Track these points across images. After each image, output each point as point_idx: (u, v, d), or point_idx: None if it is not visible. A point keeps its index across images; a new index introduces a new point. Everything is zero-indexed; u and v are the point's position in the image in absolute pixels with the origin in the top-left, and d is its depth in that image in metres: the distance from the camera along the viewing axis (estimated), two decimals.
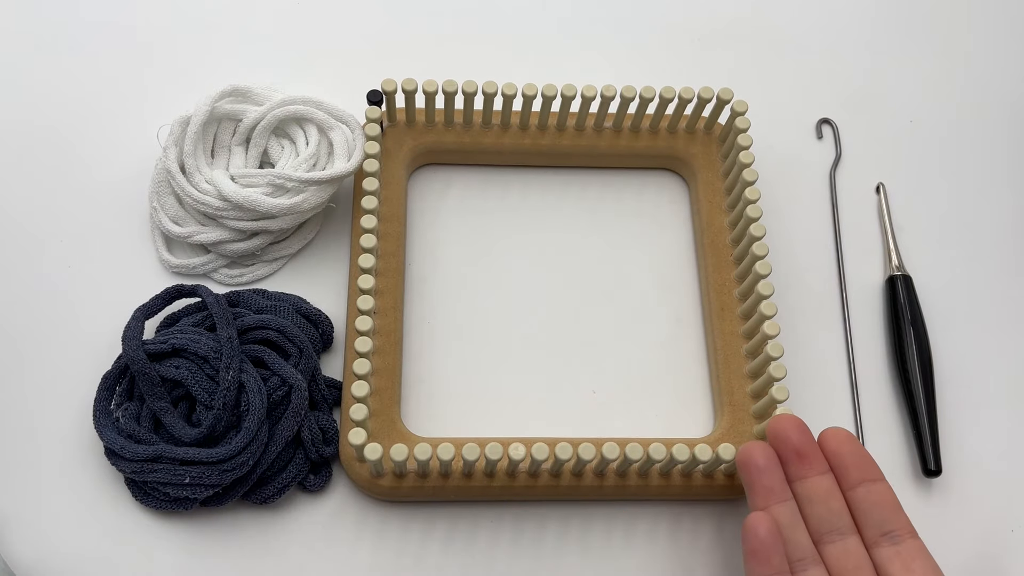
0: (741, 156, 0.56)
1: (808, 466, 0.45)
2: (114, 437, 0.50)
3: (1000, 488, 0.54)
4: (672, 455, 0.48)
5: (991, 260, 0.60)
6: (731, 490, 0.51)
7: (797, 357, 0.56)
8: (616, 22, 0.68)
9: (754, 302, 0.52)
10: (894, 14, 0.68)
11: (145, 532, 0.51)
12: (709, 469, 0.51)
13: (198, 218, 0.57)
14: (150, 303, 0.53)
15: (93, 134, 0.61)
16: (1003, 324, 0.59)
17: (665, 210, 0.60)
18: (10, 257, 0.57)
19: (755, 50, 0.67)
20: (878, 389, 0.56)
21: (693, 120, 0.59)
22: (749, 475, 0.46)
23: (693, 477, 0.51)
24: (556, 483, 0.50)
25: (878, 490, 0.45)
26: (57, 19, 0.65)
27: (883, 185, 0.62)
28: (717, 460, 0.48)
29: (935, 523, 0.53)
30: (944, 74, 0.66)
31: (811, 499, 0.45)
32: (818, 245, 0.60)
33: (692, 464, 0.49)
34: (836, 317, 0.58)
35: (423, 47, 0.66)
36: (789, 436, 0.46)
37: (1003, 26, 0.68)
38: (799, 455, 0.45)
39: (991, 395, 0.57)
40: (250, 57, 0.65)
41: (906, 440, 0.55)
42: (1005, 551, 0.53)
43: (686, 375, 0.56)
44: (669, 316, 0.57)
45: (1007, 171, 0.63)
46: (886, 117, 0.65)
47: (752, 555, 0.43)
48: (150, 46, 0.65)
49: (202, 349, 0.51)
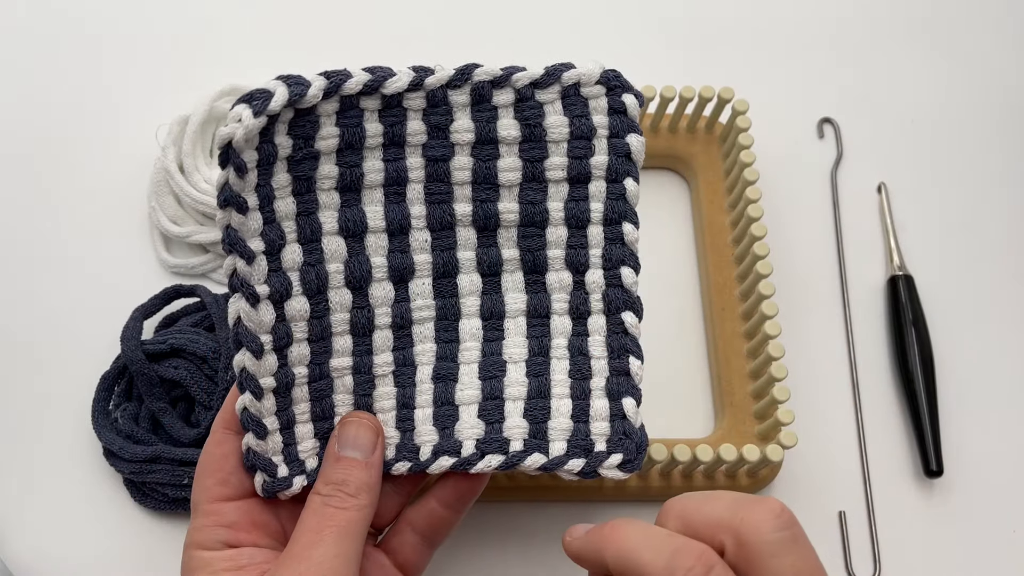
0: (742, 155, 0.55)
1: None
2: (113, 437, 0.50)
3: (1002, 489, 0.54)
4: (673, 455, 0.48)
5: (993, 260, 0.60)
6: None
7: (798, 357, 0.55)
8: (616, 22, 0.67)
9: (755, 302, 0.52)
10: (895, 14, 0.68)
11: (144, 532, 0.51)
12: (710, 470, 0.51)
13: (197, 218, 0.56)
14: (149, 303, 0.53)
15: (92, 134, 0.61)
16: (1005, 324, 0.58)
17: (665, 210, 0.60)
18: (9, 257, 0.57)
19: (756, 49, 0.67)
20: (879, 389, 0.56)
21: (694, 119, 0.59)
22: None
23: (694, 478, 0.51)
24: (556, 483, 0.50)
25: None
26: (57, 19, 0.65)
27: (884, 185, 0.61)
28: (718, 461, 0.48)
29: (936, 524, 0.53)
30: (945, 74, 0.66)
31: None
32: (819, 245, 0.60)
33: (693, 465, 0.49)
34: (837, 317, 0.58)
35: (423, 47, 0.65)
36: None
37: (1003, 26, 0.68)
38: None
39: (993, 395, 0.56)
40: (249, 57, 0.65)
41: (907, 440, 0.55)
42: (1006, 552, 0.53)
43: (686, 375, 0.55)
44: (669, 316, 0.57)
45: (1008, 171, 0.63)
46: (887, 117, 0.65)
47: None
48: (149, 46, 0.65)
49: (201, 349, 0.50)
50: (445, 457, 0.41)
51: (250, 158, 0.37)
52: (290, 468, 0.40)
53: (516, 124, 0.41)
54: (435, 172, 0.41)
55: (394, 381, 0.42)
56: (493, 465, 0.40)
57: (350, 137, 0.39)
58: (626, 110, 0.41)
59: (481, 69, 0.40)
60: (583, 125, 0.41)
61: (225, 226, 0.38)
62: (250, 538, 0.39)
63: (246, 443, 0.39)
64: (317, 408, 0.41)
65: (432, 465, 0.40)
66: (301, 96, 0.37)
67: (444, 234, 0.42)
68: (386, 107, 0.40)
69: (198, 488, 0.40)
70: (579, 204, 0.42)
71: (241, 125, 0.36)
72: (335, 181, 0.40)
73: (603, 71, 0.41)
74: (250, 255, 0.38)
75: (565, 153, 0.41)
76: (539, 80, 0.41)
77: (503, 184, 0.41)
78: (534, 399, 0.41)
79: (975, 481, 0.54)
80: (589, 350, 0.42)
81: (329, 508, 0.38)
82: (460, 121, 0.40)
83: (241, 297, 0.38)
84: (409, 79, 0.39)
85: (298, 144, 0.39)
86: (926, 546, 0.52)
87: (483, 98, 0.40)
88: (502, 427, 0.41)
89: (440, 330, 0.42)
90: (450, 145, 0.41)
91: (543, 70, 0.41)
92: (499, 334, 0.43)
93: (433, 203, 0.41)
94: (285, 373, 0.40)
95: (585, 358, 0.42)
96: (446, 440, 0.41)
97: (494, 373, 0.42)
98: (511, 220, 0.42)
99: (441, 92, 0.40)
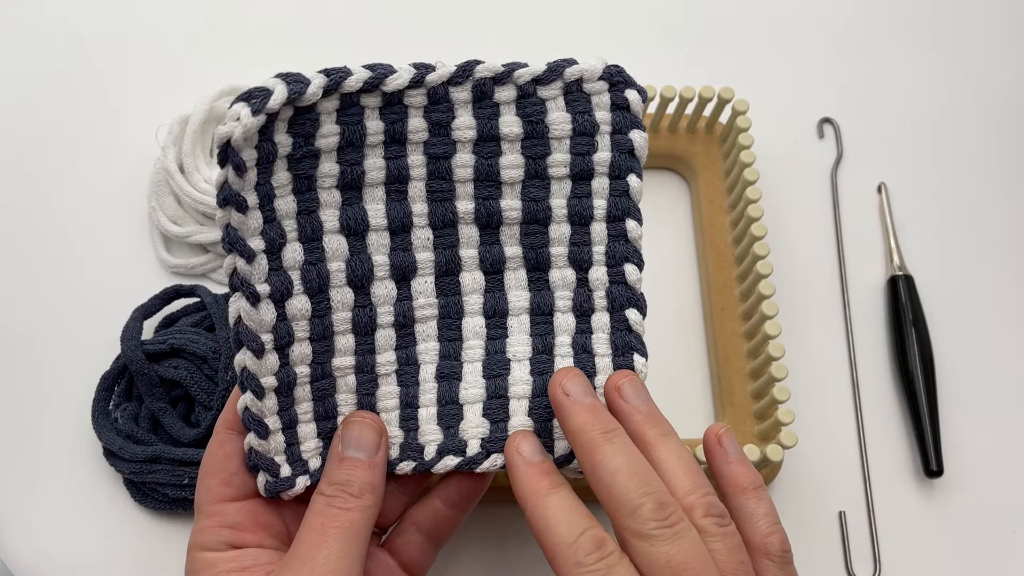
0: (742, 155, 0.55)
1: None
2: (112, 438, 0.50)
3: (1002, 489, 0.54)
4: None
5: (993, 260, 0.60)
6: None
7: (798, 357, 0.56)
8: (616, 22, 0.67)
9: (755, 302, 0.52)
10: (895, 14, 0.68)
11: (144, 532, 0.51)
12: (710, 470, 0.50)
13: (197, 218, 0.56)
14: (149, 303, 0.53)
15: (92, 134, 0.61)
16: (1005, 324, 0.58)
17: (665, 210, 0.60)
18: (9, 256, 0.57)
19: (756, 49, 0.67)
20: (879, 389, 0.56)
21: (694, 119, 0.59)
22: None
23: None
24: None
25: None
26: (56, 19, 0.65)
27: (884, 185, 0.61)
28: None
29: (936, 524, 0.53)
30: (945, 74, 0.66)
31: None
32: (819, 245, 0.60)
33: None
34: (837, 317, 0.58)
35: (423, 48, 0.65)
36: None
37: (1003, 26, 0.68)
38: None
39: (993, 395, 0.56)
40: (249, 57, 0.65)
41: (907, 440, 0.55)
42: (1007, 552, 0.53)
43: (686, 375, 0.55)
44: (669, 316, 0.57)
45: (1009, 171, 0.63)
46: (887, 116, 0.65)
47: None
48: (149, 46, 0.65)
49: (201, 349, 0.50)
50: (450, 456, 0.40)
51: (249, 156, 0.37)
52: (293, 468, 0.40)
53: (518, 121, 0.41)
54: (437, 169, 0.41)
55: (397, 380, 0.42)
56: (498, 464, 0.40)
57: (351, 135, 0.39)
58: (629, 106, 0.41)
59: (483, 66, 0.40)
60: (586, 121, 0.41)
61: (225, 225, 0.38)
62: (254, 539, 0.39)
63: (248, 443, 0.39)
64: (320, 408, 0.41)
65: (437, 465, 0.40)
66: (300, 94, 0.37)
67: (446, 232, 0.42)
68: (387, 104, 0.40)
69: (201, 489, 0.40)
70: (582, 201, 0.42)
71: (240, 123, 0.36)
72: (336, 179, 0.40)
73: (606, 67, 0.41)
74: (250, 254, 0.38)
75: (568, 149, 0.41)
76: (541, 76, 0.40)
77: (505, 181, 0.41)
78: (538, 397, 0.41)
79: (975, 481, 0.54)
80: (593, 348, 0.42)
81: (333, 509, 0.38)
82: (462, 118, 0.40)
83: (241, 296, 0.38)
84: (410, 76, 0.39)
85: (298, 142, 0.39)
86: (926, 546, 0.52)
87: (485, 95, 0.40)
88: (507, 426, 0.41)
89: (443, 328, 0.42)
90: (452, 142, 0.41)
91: (545, 66, 0.41)
92: (502, 332, 0.43)
93: (435, 201, 0.41)
94: (287, 372, 0.40)
95: (589, 356, 0.42)
96: (451, 439, 0.41)
97: (498, 371, 0.42)
98: (514, 217, 0.42)
99: (442, 89, 0.40)
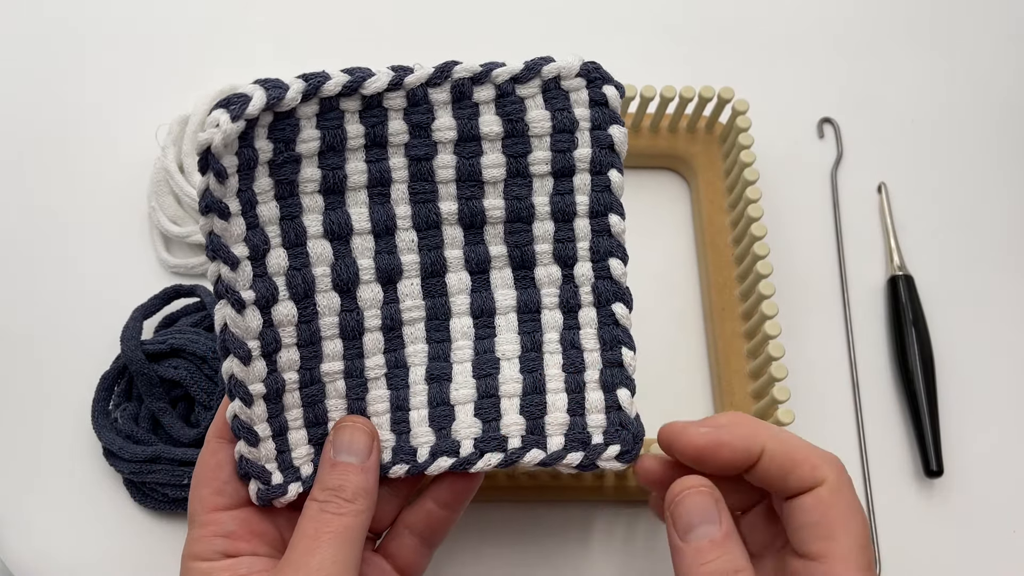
0: (742, 155, 0.55)
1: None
2: (112, 437, 0.50)
3: (1002, 489, 0.54)
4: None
5: (993, 260, 0.60)
6: None
7: (798, 357, 0.55)
8: (616, 22, 0.67)
9: (755, 302, 0.52)
10: (895, 14, 0.68)
11: (144, 532, 0.51)
12: None
13: (197, 218, 0.56)
14: (148, 303, 0.53)
15: (92, 134, 0.61)
16: (1005, 324, 0.58)
17: (665, 210, 0.60)
18: (8, 256, 0.57)
19: (756, 49, 0.67)
20: (879, 389, 0.56)
21: (694, 119, 0.59)
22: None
23: None
24: (556, 483, 0.50)
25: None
26: (56, 19, 0.65)
27: (885, 185, 0.61)
28: None
29: (936, 524, 0.53)
30: (945, 74, 0.66)
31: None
32: (819, 245, 0.60)
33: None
34: (837, 317, 0.58)
35: (423, 48, 0.65)
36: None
37: (1003, 26, 0.68)
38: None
39: (993, 395, 0.56)
40: (249, 57, 0.65)
41: (908, 440, 0.55)
42: (1007, 552, 0.53)
43: (686, 375, 0.55)
44: (669, 316, 0.57)
45: (1009, 171, 0.63)
46: (887, 117, 0.65)
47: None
48: (149, 46, 0.65)
49: (200, 349, 0.50)
50: (444, 458, 0.40)
51: (230, 163, 0.37)
52: (284, 475, 0.40)
53: (498, 120, 0.41)
54: (419, 171, 0.41)
55: (387, 383, 0.42)
56: (492, 463, 0.40)
57: (331, 139, 0.39)
58: (607, 102, 0.41)
59: (460, 66, 0.40)
60: (565, 118, 0.41)
61: (208, 232, 0.38)
62: (248, 547, 0.39)
63: (238, 451, 0.39)
64: (310, 414, 0.41)
65: (431, 466, 0.40)
66: (279, 99, 0.37)
67: (430, 233, 0.42)
68: (367, 108, 0.40)
69: (194, 498, 0.40)
70: (564, 198, 0.42)
71: (219, 130, 0.36)
72: (318, 184, 0.40)
73: (583, 64, 0.41)
74: (234, 261, 0.38)
75: (548, 147, 0.41)
76: (519, 75, 0.40)
77: (487, 181, 0.41)
78: (529, 395, 0.41)
79: (975, 481, 0.54)
80: (581, 343, 0.42)
81: (326, 514, 0.38)
82: (442, 119, 0.40)
83: (227, 303, 0.38)
84: (388, 79, 0.39)
85: (279, 148, 0.38)
86: (926, 546, 0.52)
87: (464, 95, 0.40)
88: (499, 425, 0.41)
89: (431, 330, 0.42)
90: (432, 143, 0.41)
91: (523, 65, 0.41)
92: (491, 331, 0.43)
93: (418, 202, 0.41)
94: (275, 379, 0.40)
95: (578, 351, 0.42)
96: (443, 440, 0.41)
97: (488, 371, 0.42)
98: (497, 216, 0.42)
99: (421, 91, 0.40)
